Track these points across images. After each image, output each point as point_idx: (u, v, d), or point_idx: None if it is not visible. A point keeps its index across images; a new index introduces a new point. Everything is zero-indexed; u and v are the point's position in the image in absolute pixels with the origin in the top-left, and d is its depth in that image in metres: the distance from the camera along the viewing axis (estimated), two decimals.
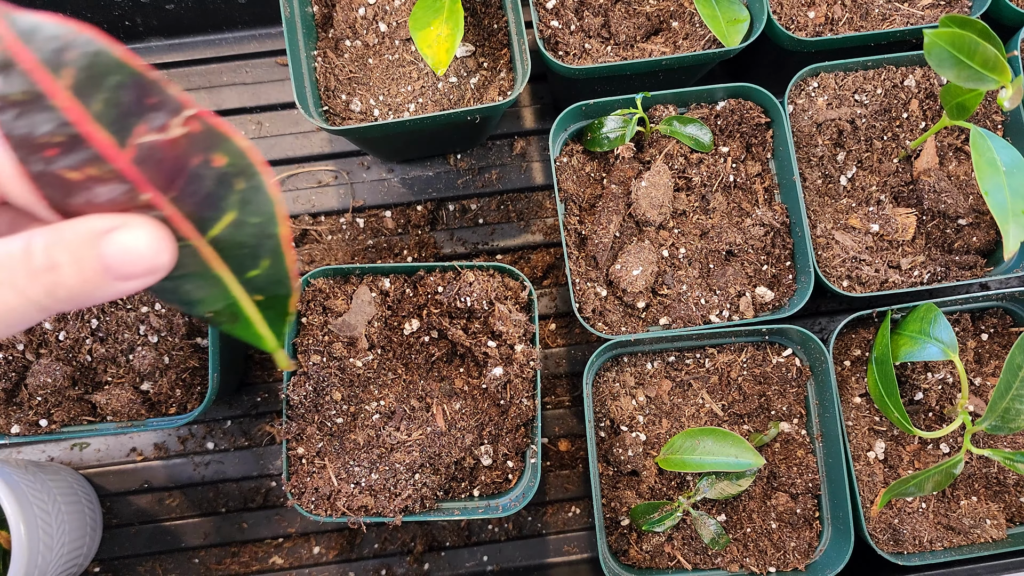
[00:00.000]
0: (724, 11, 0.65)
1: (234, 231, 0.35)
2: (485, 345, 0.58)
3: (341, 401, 0.58)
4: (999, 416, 0.52)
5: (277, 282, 0.38)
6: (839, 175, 0.66)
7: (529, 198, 0.78)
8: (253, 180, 0.33)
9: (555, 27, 0.67)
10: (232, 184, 0.33)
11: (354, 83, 0.67)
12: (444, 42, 0.58)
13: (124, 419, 0.62)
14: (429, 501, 0.57)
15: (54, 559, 0.61)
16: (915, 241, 0.65)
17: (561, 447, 0.73)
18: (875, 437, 0.62)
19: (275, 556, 0.71)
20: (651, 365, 0.64)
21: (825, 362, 0.60)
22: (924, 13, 0.67)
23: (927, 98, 0.66)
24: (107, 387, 0.63)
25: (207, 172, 0.32)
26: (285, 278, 0.38)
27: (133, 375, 0.63)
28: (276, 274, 0.38)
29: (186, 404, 0.63)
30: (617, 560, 0.60)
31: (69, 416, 0.62)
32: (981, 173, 0.53)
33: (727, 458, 0.55)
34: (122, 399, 0.61)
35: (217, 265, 0.35)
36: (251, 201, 0.34)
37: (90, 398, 0.62)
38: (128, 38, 0.80)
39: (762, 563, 0.60)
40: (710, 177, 0.65)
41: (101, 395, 0.62)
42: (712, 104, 0.66)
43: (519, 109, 0.80)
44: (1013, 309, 0.65)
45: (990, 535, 0.60)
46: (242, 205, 0.34)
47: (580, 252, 0.64)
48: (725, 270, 0.64)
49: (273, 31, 0.81)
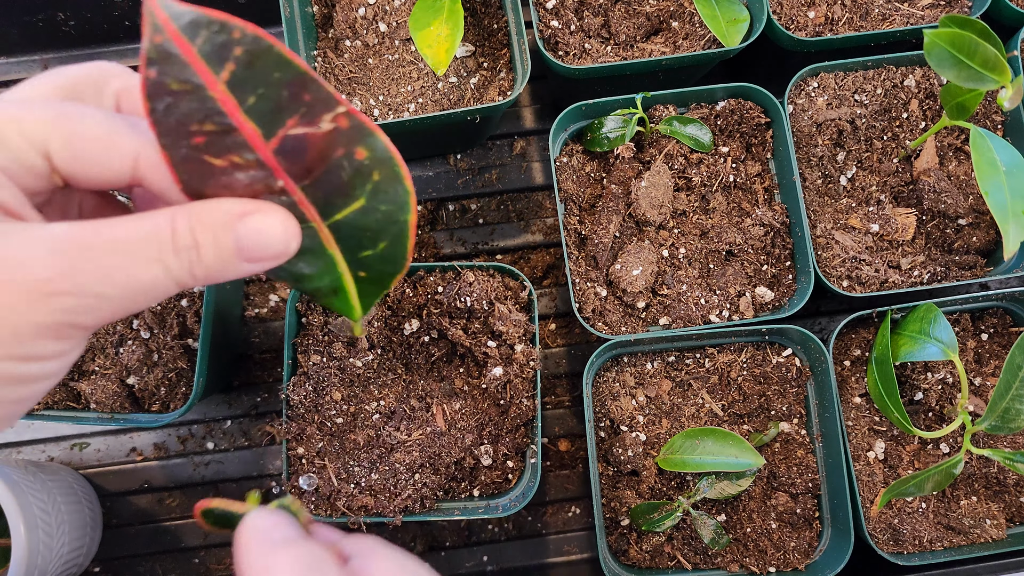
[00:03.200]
0: (724, 11, 0.65)
1: (360, 216, 0.38)
2: (485, 345, 0.58)
3: (341, 401, 0.58)
4: (999, 416, 0.52)
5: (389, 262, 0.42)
6: (839, 175, 0.66)
7: (529, 198, 0.78)
8: (391, 171, 0.36)
9: (555, 27, 0.67)
10: (369, 175, 0.36)
11: (354, 83, 0.67)
12: (444, 42, 0.58)
13: (107, 410, 0.63)
14: (429, 501, 0.57)
15: (54, 559, 0.61)
16: (915, 241, 0.65)
17: (561, 447, 0.73)
18: (875, 437, 0.62)
19: None
20: (651, 365, 0.64)
21: (825, 362, 0.60)
22: (924, 13, 0.67)
23: (927, 98, 0.66)
24: (93, 377, 0.63)
25: (346, 163, 0.35)
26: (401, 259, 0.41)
27: (120, 368, 0.63)
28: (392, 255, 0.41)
29: (169, 404, 0.63)
30: (617, 560, 0.60)
31: (52, 399, 0.63)
32: (981, 173, 0.53)
33: (727, 458, 0.55)
34: (107, 391, 0.62)
35: (331, 246, 0.38)
36: (385, 190, 0.37)
37: (75, 385, 0.63)
38: (128, 38, 0.80)
39: (762, 563, 0.60)
40: (710, 177, 0.65)
41: (87, 384, 0.62)
42: (712, 104, 0.66)
43: (519, 109, 0.80)
44: (1013, 309, 0.65)
45: (990, 535, 0.60)
46: (374, 193, 0.37)
47: (580, 252, 0.64)
48: (725, 270, 0.64)
49: (273, 31, 0.81)
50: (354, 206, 0.37)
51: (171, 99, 0.29)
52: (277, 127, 0.32)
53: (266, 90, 0.31)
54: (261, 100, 0.31)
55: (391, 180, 0.37)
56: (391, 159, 0.36)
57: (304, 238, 0.37)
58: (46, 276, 0.27)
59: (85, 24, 0.77)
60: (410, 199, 0.38)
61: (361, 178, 0.36)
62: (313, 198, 0.36)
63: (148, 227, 0.29)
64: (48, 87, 0.31)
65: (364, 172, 0.36)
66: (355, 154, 0.35)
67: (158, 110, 0.29)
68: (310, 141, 0.33)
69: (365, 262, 0.42)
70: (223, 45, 0.29)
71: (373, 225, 0.39)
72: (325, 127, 0.33)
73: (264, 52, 0.30)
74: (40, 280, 0.27)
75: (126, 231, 0.29)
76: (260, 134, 0.32)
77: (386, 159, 0.36)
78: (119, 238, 0.29)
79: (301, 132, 0.32)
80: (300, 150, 0.33)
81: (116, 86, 0.33)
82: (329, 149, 0.34)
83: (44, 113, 0.29)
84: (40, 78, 0.32)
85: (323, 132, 0.33)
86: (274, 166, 0.33)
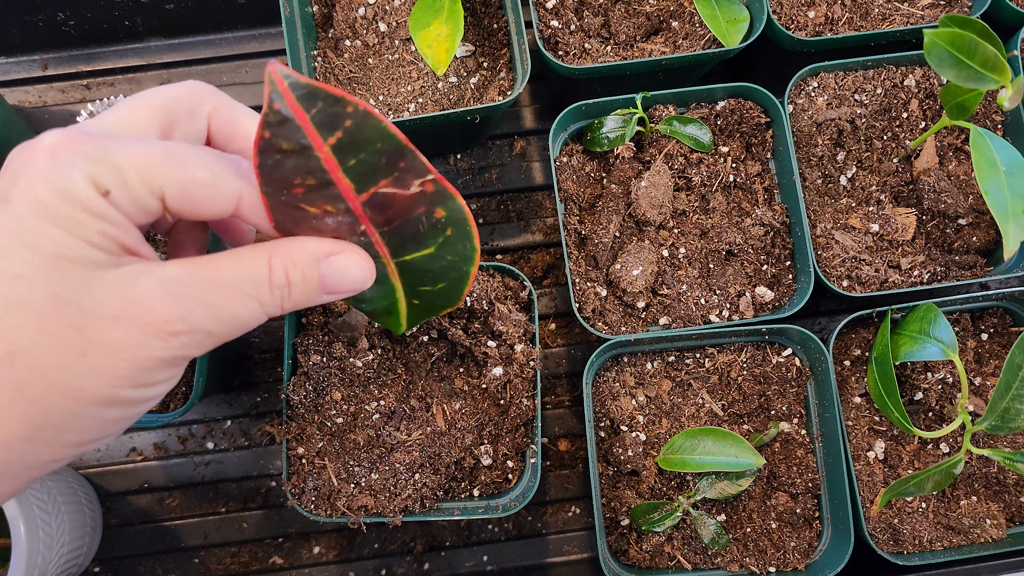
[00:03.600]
0: (724, 11, 0.65)
1: (426, 260, 0.44)
2: (485, 345, 0.58)
3: (341, 401, 0.58)
4: (999, 416, 0.52)
5: (443, 297, 0.49)
6: (839, 175, 0.66)
7: (529, 198, 0.78)
8: (463, 230, 0.42)
9: (555, 27, 0.67)
10: (443, 230, 0.41)
11: (354, 83, 0.67)
12: (444, 42, 0.58)
13: None
14: (429, 501, 0.57)
15: (54, 559, 0.61)
16: (915, 241, 0.65)
17: (561, 447, 0.73)
18: (875, 437, 0.62)
19: (275, 556, 0.71)
20: (651, 365, 0.64)
21: (825, 362, 0.60)
22: (924, 13, 0.67)
23: (927, 98, 0.66)
24: None
25: (425, 219, 0.40)
26: (455, 297, 0.49)
27: None
28: (447, 293, 0.48)
29: (169, 403, 0.63)
30: (617, 560, 0.60)
31: None
32: (981, 173, 0.53)
33: (727, 458, 0.55)
34: None
35: (395, 278, 0.44)
36: (454, 245, 0.43)
37: None
38: (128, 38, 0.80)
39: (762, 563, 0.60)
40: (710, 177, 0.65)
41: None
42: (712, 104, 0.66)
43: (519, 109, 0.80)
44: (1013, 309, 0.65)
45: (990, 535, 0.60)
46: (443, 245, 0.43)
47: (580, 252, 0.64)
48: (725, 270, 0.64)
49: (273, 31, 0.81)
50: (424, 252, 0.43)
51: (279, 156, 0.33)
52: (370, 185, 0.36)
53: (366, 155, 0.34)
54: (360, 163, 0.35)
55: (462, 237, 0.43)
56: (465, 220, 0.41)
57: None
58: (167, 319, 0.31)
59: (85, 24, 0.77)
60: (475, 255, 0.44)
61: (435, 232, 0.41)
62: (388, 241, 0.41)
63: (247, 269, 0.34)
64: (146, 111, 0.34)
65: (439, 227, 0.41)
66: (434, 213, 0.40)
67: (266, 164, 0.33)
68: (397, 199, 0.37)
69: (422, 295, 0.48)
70: (335, 115, 0.32)
71: (436, 269, 0.45)
72: (413, 190, 0.37)
73: (371, 126, 0.33)
74: (163, 322, 0.31)
75: (229, 273, 0.33)
76: (354, 189, 0.36)
77: (460, 220, 0.41)
78: (224, 281, 0.33)
79: (390, 191, 0.37)
80: (386, 205, 0.38)
81: (208, 108, 0.36)
82: (412, 207, 0.38)
83: (161, 158, 0.31)
84: (138, 100, 0.34)
85: (410, 193, 0.37)
86: (361, 215, 0.37)
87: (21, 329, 0.29)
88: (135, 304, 0.30)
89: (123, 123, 0.33)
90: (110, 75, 0.80)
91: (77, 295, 0.29)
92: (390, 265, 0.44)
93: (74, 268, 0.30)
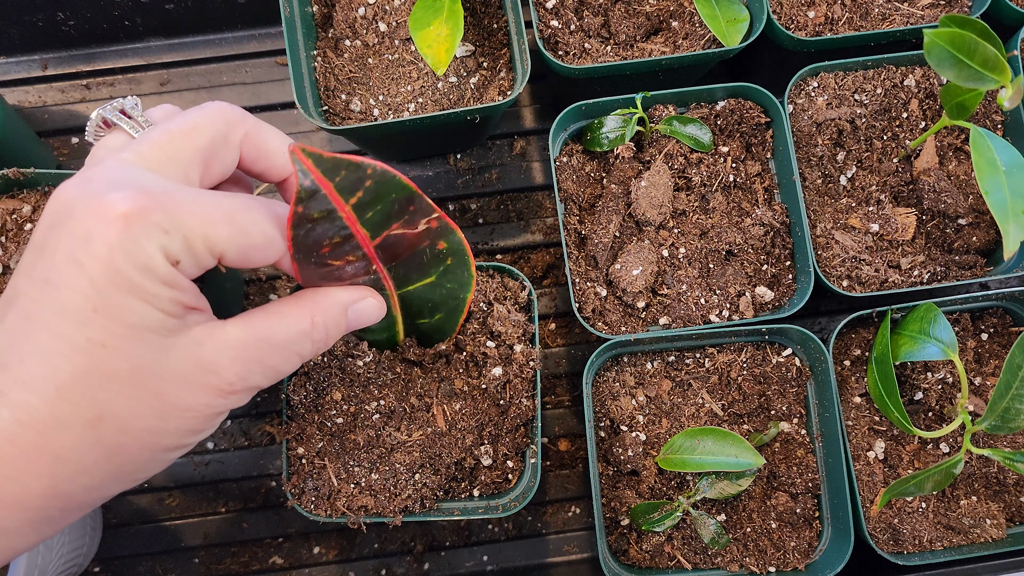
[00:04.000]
0: (724, 11, 0.65)
1: (427, 289, 0.48)
2: (484, 345, 0.58)
3: (341, 401, 0.58)
4: (999, 416, 0.52)
5: (438, 332, 0.53)
6: (839, 175, 0.66)
7: (529, 198, 0.78)
8: (461, 259, 0.46)
9: (555, 27, 0.67)
10: (444, 260, 0.46)
11: (354, 83, 0.67)
12: (444, 42, 0.58)
13: None
14: (429, 501, 0.57)
15: (54, 559, 0.61)
16: (915, 241, 0.65)
17: (561, 447, 0.73)
18: (875, 437, 0.62)
19: (275, 556, 0.71)
20: (651, 365, 0.64)
21: (825, 362, 0.60)
22: (924, 13, 0.67)
23: (927, 98, 0.66)
24: None
25: (428, 251, 0.44)
26: (449, 331, 0.54)
27: None
28: (442, 327, 0.53)
29: None
30: (617, 560, 0.60)
31: None
32: (981, 173, 0.53)
33: (727, 458, 0.55)
34: None
35: (396, 310, 0.49)
36: (454, 272, 0.47)
37: None
38: (128, 38, 0.80)
39: (762, 563, 0.60)
40: (710, 177, 0.65)
41: None
42: (712, 104, 0.66)
43: (519, 109, 0.80)
44: (1013, 309, 0.65)
45: (990, 535, 0.60)
46: (443, 273, 0.47)
47: (580, 252, 0.64)
48: (725, 270, 0.64)
49: (273, 31, 0.81)
50: (425, 281, 0.47)
51: (310, 225, 0.37)
52: (384, 230, 0.40)
53: (382, 206, 0.38)
54: (376, 213, 0.39)
55: (460, 265, 0.47)
56: (463, 250, 0.46)
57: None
58: (230, 380, 0.36)
59: (85, 24, 0.77)
60: (471, 281, 0.49)
61: (437, 262, 0.46)
62: (394, 275, 0.45)
63: (295, 328, 0.38)
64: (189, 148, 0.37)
65: (440, 257, 0.45)
66: (437, 245, 0.44)
67: (299, 236, 0.37)
68: (406, 237, 0.42)
69: (419, 328, 0.53)
70: (357, 179, 0.36)
71: (436, 298, 0.49)
72: (420, 228, 0.42)
73: (388, 181, 0.37)
74: (227, 384, 0.36)
75: (281, 335, 0.38)
76: (369, 236, 0.40)
77: (460, 250, 0.46)
78: (278, 342, 0.38)
79: (400, 232, 0.41)
80: (397, 244, 0.42)
81: (240, 134, 0.39)
82: (419, 242, 0.43)
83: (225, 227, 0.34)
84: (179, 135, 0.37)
85: (418, 231, 0.42)
86: (373, 257, 0.42)
87: (109, 396, 0.32)
88: (205, 371, 0.35)
89: (170, 162, 0.36)
90: (110, 75, 0.80)
91: (155, 362, 0.33)
92: (393, 298, 0.47)
93: (152, 337, 0.33)
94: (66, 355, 0.31)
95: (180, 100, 0.80)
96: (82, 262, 0.31)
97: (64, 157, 0.78)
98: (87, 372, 0.32)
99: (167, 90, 0.80)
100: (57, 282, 0.32)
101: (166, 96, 0.80)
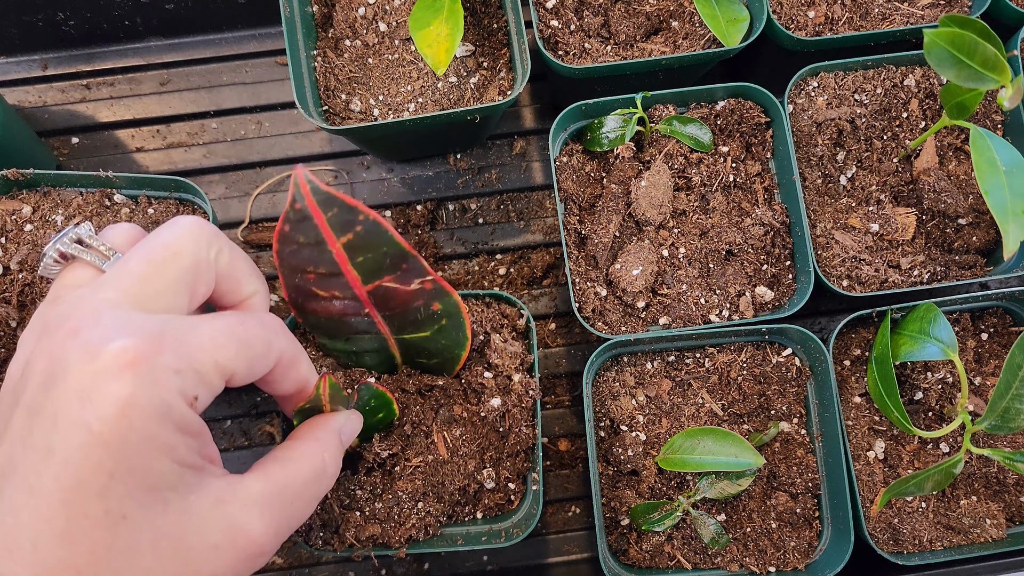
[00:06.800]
0: (724, 11, 0.65)
1: (423, 341, 0.50)
2: (482, 376, 0.57)
3: None
4: (999, 416, 0.52)
5: (437, 370, 0.55)
6: (839, 175, 0.66)
7: (529, 198, 0.78)
8: (456, 321, 0.48)
9: (555, 27, 0.67)
10: (439, 320, 0.47)
11: (354, 83, 0.67)
12: (444, 42, 0.58)
13: None
14: (433, 528, 0.56)
15: None
16: (915, 241, 0.65)
17: (561, 447, 0.73)
18: (875, 437, 0.62)
19: (275, 556, 0.71)
20: (651, 365, 0.64)
21: (825, 362, 0.60)
22: (924, 13, 0.67)
23: (927, 98, 0.66)
24: None
25: (423, 310, 0.46)
26: (449, 371, 0.56)
27: None
28: (440, 367, 0.55)
29: None
30: (617, 560, 0.60)
31: None
32: (981, 173, 0.53)
33: (727, 458, 0.55)
34: None
35: (394, 349, 0.51)
36: (449, 332, 0.49)
37: None
38: (128, 38, 0.80)
39: (762, 563, 0.60)
40: (710, 177, 0.65)
41: None
42: (712, 104, 0.66)
43: (519, 109, 0.80)
44: (1013, 309, 0.65)
45: (990, 535, 0.60)
46: (439, 331, 0.49)
47: (580, 252, 0.64)
48: (725, 270, 0.64)
49: (273, 31, 0.81)
50: (421, 334, 0.49)
51: (295, 247, 0.39)
52: (375, 279, 0.42)
53: (373, 255, 0.40)
54: (367, 260, 0.40)
55: (455, 327, 0.49)
56: (459, 313, 0.47)
57: (374, 342, 0.50)
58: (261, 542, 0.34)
59: (85, 24, 0.77)
60: (467, 342, 0.51)
61: (432, 321, 0.47)
62: (389, 323, 0.47)
63: (310, 471, 0.38)
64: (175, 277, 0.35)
65: (435, 318, 0.47)
66: (431, 306, 0.46)
67: (284, 252, 0.39)
68: (398, 292, 0.43)
69: (418, 364, 0.55)
70: (349, 221, 0.38)
71: (432, 349, 0.51)
72: (414, 286, 0.43)
73: (379, 233, 0.39)
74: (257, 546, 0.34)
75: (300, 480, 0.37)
76: (360, 280, 0.42)
77: (455, 313, 0.47)
78: (299, 491, 0.37)
79: (393, 286, 0.43)
80: (389, 296, 0.44)
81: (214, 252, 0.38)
82: (412, 300, 0.44)
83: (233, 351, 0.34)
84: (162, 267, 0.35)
85: (411, 289, 0.43)
86: (366, 301, 0.44)
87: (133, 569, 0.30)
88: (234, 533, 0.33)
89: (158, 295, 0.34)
90: (110, 75, 0.80)
91: (179, 528, 0.31)
92: (390, 339, 0.49)
93: (173, 498, 0.31)
94: (85, 533, 0.28)
95: (180, 100, 0.80)
96: (90, 425, 0.28)
97: (64, 157, 0.78)
98: (108, 550, 0.29)
99: (167, 90, 0.80)
100: (63, 450, 0.28)
101: (166, 96, 0.80)
